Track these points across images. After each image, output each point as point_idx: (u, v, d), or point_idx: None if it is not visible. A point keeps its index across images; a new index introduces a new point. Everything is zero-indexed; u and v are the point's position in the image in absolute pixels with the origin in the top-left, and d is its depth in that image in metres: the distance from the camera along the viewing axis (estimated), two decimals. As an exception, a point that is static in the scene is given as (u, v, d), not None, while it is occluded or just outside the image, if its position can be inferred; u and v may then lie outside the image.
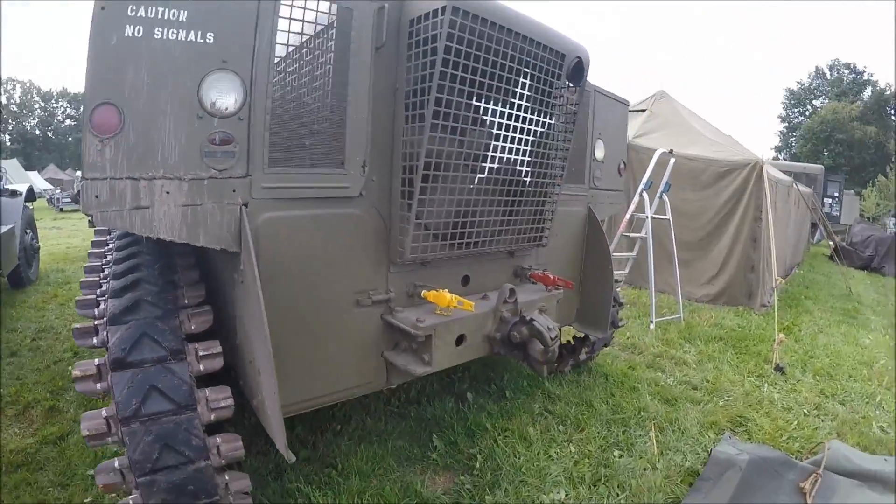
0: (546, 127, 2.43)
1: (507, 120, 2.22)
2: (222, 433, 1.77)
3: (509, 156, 2.30)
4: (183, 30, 1.59)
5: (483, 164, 2.21)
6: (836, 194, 17.15)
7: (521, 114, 2.27)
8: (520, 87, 2.20)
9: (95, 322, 1.90)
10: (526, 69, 2.19)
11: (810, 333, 5.37)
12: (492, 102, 2.13)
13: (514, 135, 2.27)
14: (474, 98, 2.05)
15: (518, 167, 2.38)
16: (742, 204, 5.85)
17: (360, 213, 2.07)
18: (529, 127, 2.32)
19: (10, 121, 46.64)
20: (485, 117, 2.13)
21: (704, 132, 6.96)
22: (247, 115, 1.72)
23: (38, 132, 52.48)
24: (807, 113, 41.91)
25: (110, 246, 2.75)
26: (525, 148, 2.36)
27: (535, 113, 2.33)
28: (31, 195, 6.06)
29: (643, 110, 7.56)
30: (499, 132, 2.20)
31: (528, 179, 2.46)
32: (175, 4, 1.57)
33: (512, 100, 2.20)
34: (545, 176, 2.55)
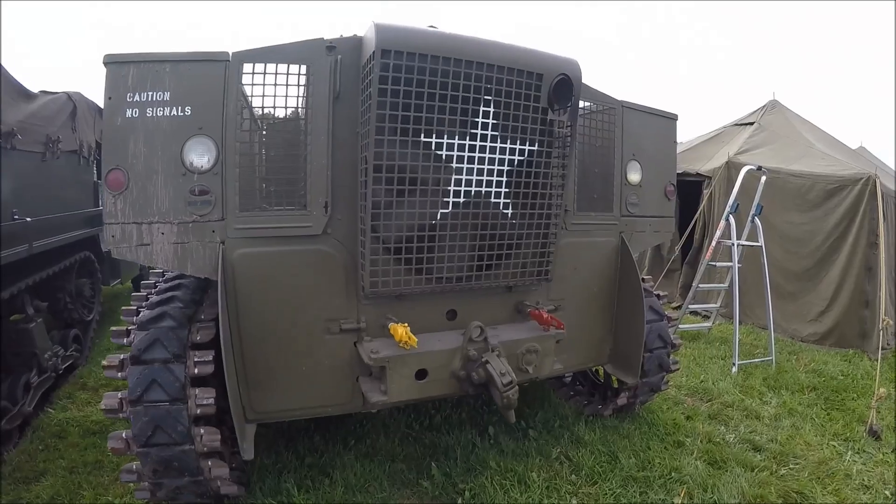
0: (526, 154, 2.31)
1: (470, 152, 2.18)
2: (206, 425, 2.13)
3: (478, 188, 2.24)
4: (168, 107, 2.00)
5: (445, 199, 2.17)
6: None
7: (488, 143, 2.22)
8: (481, 115, 2.17)
9: (128, 327, 2.36)
10: (488, 97, 2.14)
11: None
12: (445, 136, 2.12)
13: (479, 166, 2.22)
14: (422, 134, 2.06)
15: (493, 199, 2.30)
16: (854, 226, 4.75)
17: (326, 248, 2.25)
18: (501, 157, 2.25)
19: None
20: (439, 152, 2.10)
21: (818, 144, 5.87)
22: (220, 170, 2.07)
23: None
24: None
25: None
26: (500, 179, 2.28)
27: (508, 141, 2.26)
28: None
29: (750, 123, 6.66)
30: (460, 165, 2.16)
31: (509, 212, 2.35)
32: (160, 87, 1.98)
33: (473, 130, 2.17)
34: (535, 206, 2.42)
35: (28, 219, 3.16)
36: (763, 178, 4.80)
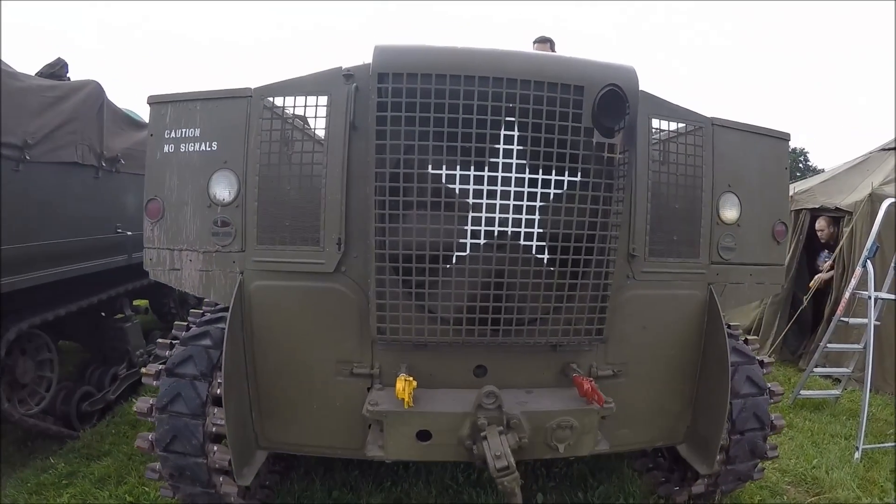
0: (566, 188, 1.84)
1: (490, 185, 1.77)
2: (220, 444, 2.10)
3: (503, 228, 1.82)
4: (198, 142, 1.99)
5: (461, 241, 1.80)
6: None
7: (513, 175, 1.78)
8: (502, 141, 1.74)
9: (172, 340, 2.38)
10: (510, 118, 1.72)
11: None
12: (458, 167, 1.73)
13: (503, 202, 1.79)
14: (429, 166, 1.71)
15: (523, 241, 1.85)
16: None
17: (339, 287, 2.02)
18: (532, 191, 1.80)
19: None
20: (450, 186, 1.74)
21: None
22: (241, 203, 1.99)
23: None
24: None
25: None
26: (530, 217, 1.83)
27: (540, 171, 1.80)
28: None
29: (900, 148, 5.21)
30: (477, 201, 1.77)
31: (545, 257, 1.89)
32: (192, 124, 1.98)
33: (492, 159, 1.75)
34: (580, 251, 1.91)
35: (129, 233, 3.48)
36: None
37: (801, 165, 33.77)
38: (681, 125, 2.23)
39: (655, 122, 2.18)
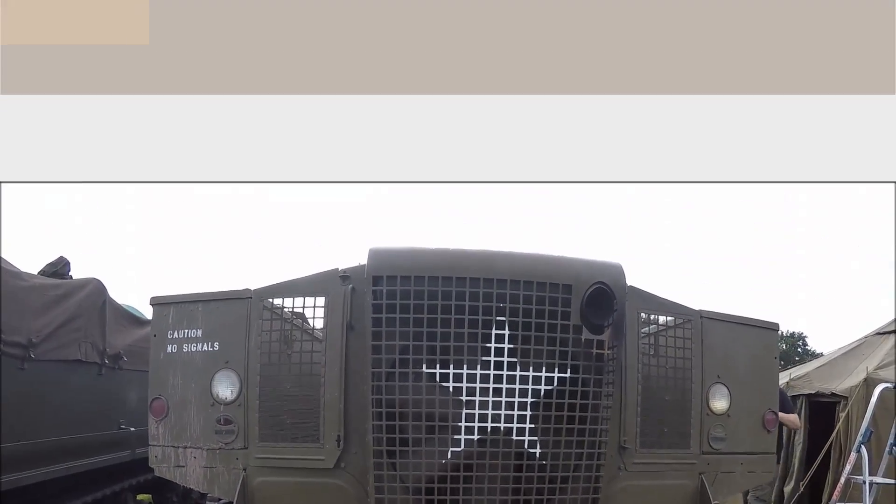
0: (556, 383, 1.93)
1: (482, 382, 1.87)
2: None
3: (496, 424, 1.87)
4: (200, 343, 2.13)
5: (455, 437, 1.85)
6: None
7: (505, 372, 1.88)
8: (494, 340, 1.88)
9: None
10: (500, 317, 1.87)
11: None
12: (451, 366, 1.86)
13: (495, 399, 1.87)
14: (423, 365, 1.87)
15: (516, 437, 1.89)
16: None
17: (340, 483, 2.01)
18: (523, 387, 1.89)
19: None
20: (444, 384, 1.87)
21: None
22: (243, 401, 2.06)
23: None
24: None
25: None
26: (522, 413, 1.89)
27: (531, 368, 1.90)
28: None
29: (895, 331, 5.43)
30: (471, 398, 1.86)
31: (537, 451, 1.91)
32: (194, 325, 2.14)
33: (485, 358, 1.88)
34: (572, 444, 1.91)
35: (132, 428, 3.45)
36: (903, 400, 3.66)
37: (799, 350, 33.58)
38: (669, 318, 2.34)
39: (644, 316, 2.29)
